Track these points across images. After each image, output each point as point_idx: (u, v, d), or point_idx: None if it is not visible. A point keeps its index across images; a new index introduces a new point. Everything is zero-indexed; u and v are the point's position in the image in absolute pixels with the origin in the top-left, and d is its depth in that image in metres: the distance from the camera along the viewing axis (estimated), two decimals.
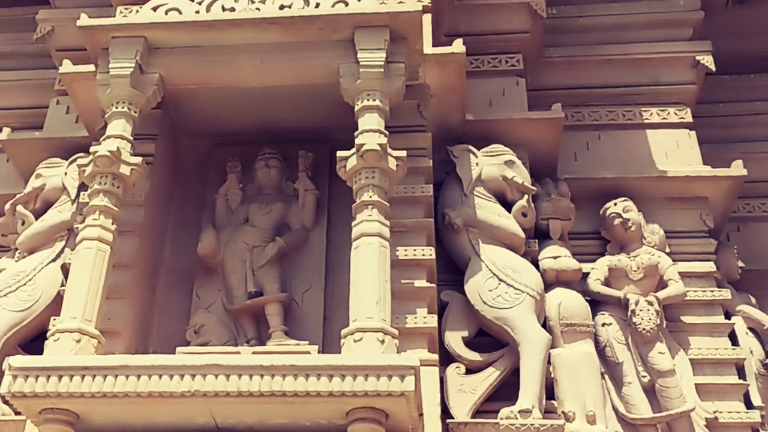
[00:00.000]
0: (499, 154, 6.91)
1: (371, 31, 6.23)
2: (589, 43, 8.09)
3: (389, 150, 5.88)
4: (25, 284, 6.62)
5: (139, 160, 6.09)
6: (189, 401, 5.18)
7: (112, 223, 5.90)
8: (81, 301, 5.58)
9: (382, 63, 6.13)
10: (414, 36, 6.32)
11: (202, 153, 7.16)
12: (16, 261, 7.01)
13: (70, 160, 7.16)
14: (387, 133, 5.97)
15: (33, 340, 6.63)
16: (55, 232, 6.88)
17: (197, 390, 5.11)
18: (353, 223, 5.77)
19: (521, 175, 6.86)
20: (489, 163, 6.86)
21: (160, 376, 5.16)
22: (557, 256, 6.77)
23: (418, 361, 5.13)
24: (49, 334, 5.55)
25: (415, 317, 5.94)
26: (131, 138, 6.17)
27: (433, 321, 5.96)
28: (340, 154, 5.98)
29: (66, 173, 7.09)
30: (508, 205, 6.82)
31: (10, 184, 7.83)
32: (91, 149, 6.06)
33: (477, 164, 6.84)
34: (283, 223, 6.73)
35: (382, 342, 5.28)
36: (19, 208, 7.09)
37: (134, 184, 6.17)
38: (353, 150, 5.91)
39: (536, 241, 6.85)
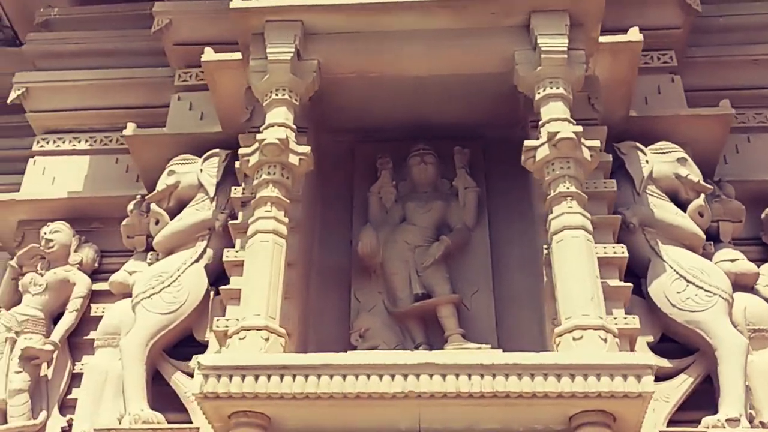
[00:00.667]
0: (669, 152, 6.49)
1: (550, 16, 5.87)
2: (732, 43, 7.67)
3: (582, 139, 5.50)
4: (169, 285, 6.13)
5: (307, 149, 5.69)
6: (399, 404, 4.75)
7: (285, 215, 5.49)
8: (263, 298, 5.16)
9: (565, 49, 5.77)
10: (592, 23, 5.95)
11: (344, 149, 6.80)
12: (150, 263, 6.55)
13: (204, 156, 6.70)
14: (574, 121, 5.59)
15: (176, 346, 6.19)
16: (195, 232, 6.41)
17: (411, 391, 4.69)
18: (550, 217, 5.38)
19: (694, 173, 6.44)
20: (660, 160, 6.45)
21: (368, 376, 4.73)
22: (734, 259, 6.35)
23: (653, 360, 4.71)
24: (231, 332, 5.10)
25: (614, 318, 5.49)
26: (294, 127, 5.77)
27: (634, 322, 5.53)
28: (527, 143, 5.60)
29: (201, 170, 6.63)
30: (679, 205, 6.41)
31: (123, 186, 7.34)
32: (257, 137, 5.65)
33: (647, 162, 6.43)
34: (443, 222, 6.35)
35: (605, 340, 4.86)
36: (153, 206, 6.61)
37: (302, 176, 5.76)
38: (543, 139, 5.52)
39: (711, 243, 6.43)
